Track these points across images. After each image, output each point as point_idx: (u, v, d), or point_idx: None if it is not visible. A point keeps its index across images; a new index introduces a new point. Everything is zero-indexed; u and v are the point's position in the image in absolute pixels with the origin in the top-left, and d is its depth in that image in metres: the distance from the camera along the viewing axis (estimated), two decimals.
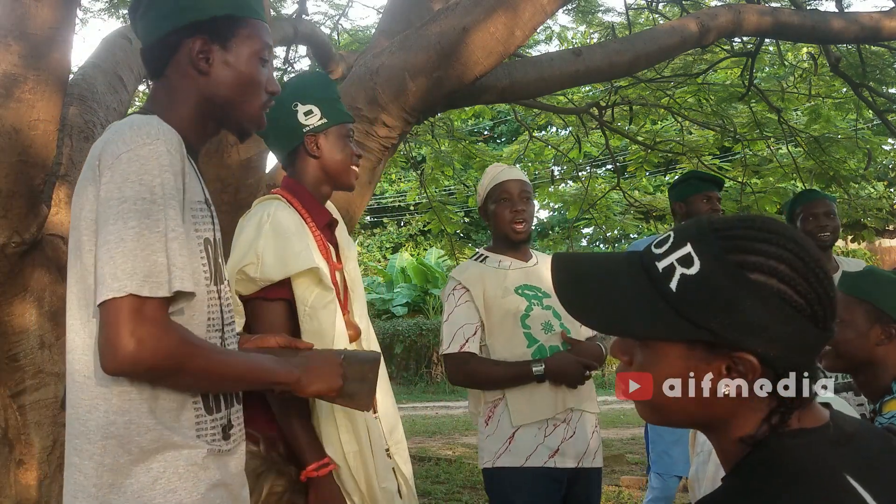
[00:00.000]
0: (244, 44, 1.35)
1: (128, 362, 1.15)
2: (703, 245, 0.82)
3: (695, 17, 3.73)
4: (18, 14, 2.08)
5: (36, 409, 2.42)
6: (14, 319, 2.35)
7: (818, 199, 3.08)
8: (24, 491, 2.42)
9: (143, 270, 1.15)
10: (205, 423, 1.28)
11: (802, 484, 0.78)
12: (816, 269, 0.83)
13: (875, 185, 11.17)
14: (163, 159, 1.19)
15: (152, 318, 1.15)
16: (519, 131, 13.36)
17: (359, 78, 2.90)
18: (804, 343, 0.82)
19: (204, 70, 1.33)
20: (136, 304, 1.14)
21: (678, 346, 0.83)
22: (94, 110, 3.10)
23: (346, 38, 6.89)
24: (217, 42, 1.33)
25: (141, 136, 1.20)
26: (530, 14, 2.87)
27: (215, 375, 1.26)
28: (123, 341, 1.14)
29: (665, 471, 3.42)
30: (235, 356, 1.35)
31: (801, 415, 0.84)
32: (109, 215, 1.17)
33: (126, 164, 1.18)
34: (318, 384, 1.41)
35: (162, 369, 1.18)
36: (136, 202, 1.16)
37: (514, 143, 9.58)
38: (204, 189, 1.35)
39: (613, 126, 6.12)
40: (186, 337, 1.21)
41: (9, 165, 2.12)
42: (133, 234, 1.15)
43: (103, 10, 6.20)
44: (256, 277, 1.73)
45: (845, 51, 5.02)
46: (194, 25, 1.32)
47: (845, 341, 1.78)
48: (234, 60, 1.34)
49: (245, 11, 1.35)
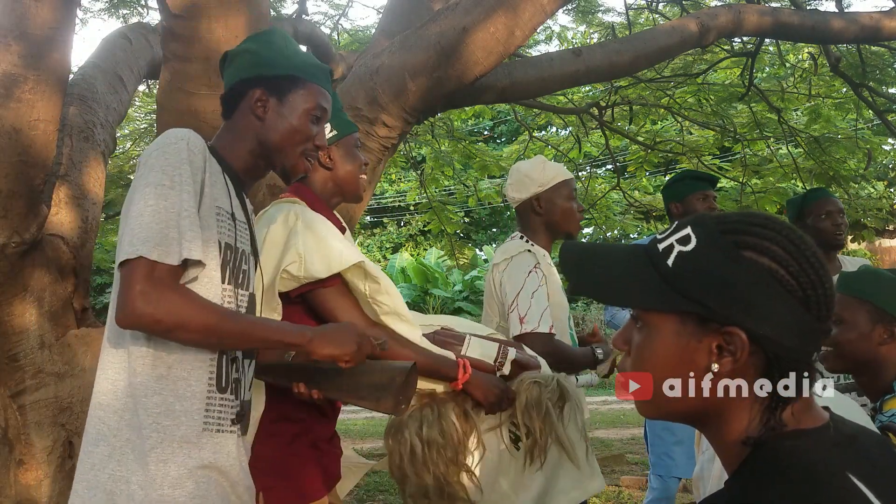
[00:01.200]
0: (299, 101, 1.58)
1: (136, 314, 1.31)
2: (702, 227, 0.86)
3: (695, 17, 3.73)
4: (18, 14, 2.08)
5: (36, 409, 2.42)
6: (14, 319, 2.35)
7: (828, 197, 3.05)
8: (24, 491, 2.42)
9: (155, 239, 1.32)
10: (213, 401, 1.40)
11: (807, 483, 0.78)
12: (810, 257, 0.83)
13: (875, 185, 11.18)
14: (183, 154, 1.39)
15: (161, 280, 1.32)
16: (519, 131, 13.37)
17: (359, 78, 2.90)
18: (796, 327, 0.82)
19: (260, 115, 1.56)
20: (148, 267, 1.31)
21: (671, 320, 0.85)
22: (94, 110, 3.10)
23: (346, 38, 6.89)
24: (275, 95, 1.57)
25: (170, 138, 1.42)
26: (530, 14, 2.87)
27: (221, 330, 1.37)
28: (133, 296, 1.30)
29: (665, 472, 3.42)
30: (243, 316, 1.48)
31: (799, 415, 0.84)
32: (134, 198, 1.37)
33: (154, 158, 1.39)
34: (329, 347, 1.47)
35: (167, 323, 1.32)
36: (157, 187, 1.36)
37: (514, 143, 9.58)
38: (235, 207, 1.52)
39: (613, 126, 6.12)
40: (193, 296, 1.36)
41: (9, 165, 2.12)
42: (150, 211, 1.34)
43: (103, 10, 6.19)
44: (300, 276, 1.76)
45: (845, 51, 5.02)
46: (260, 78, 1.56)
47: (847, 342, 1.78)
48: (287, 112, 1.57)
49: (307, 76, 1.59)
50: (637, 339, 0.89)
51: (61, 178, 2.78)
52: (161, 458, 1.33)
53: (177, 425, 1.35)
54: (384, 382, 1.59)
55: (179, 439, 1.35)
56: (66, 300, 2.53)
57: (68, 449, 2.50)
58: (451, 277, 15.79)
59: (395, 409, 1.62)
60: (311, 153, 1.61)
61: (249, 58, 1.58)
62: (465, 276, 15.73)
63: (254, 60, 1.58)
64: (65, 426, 2.47)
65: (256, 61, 1.57)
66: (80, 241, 2.73)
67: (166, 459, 1.34)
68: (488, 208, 16.59)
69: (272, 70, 1.57)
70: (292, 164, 1.59)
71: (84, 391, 2.50)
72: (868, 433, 0.90)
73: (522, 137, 8.14)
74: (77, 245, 2.70)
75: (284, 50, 1.59)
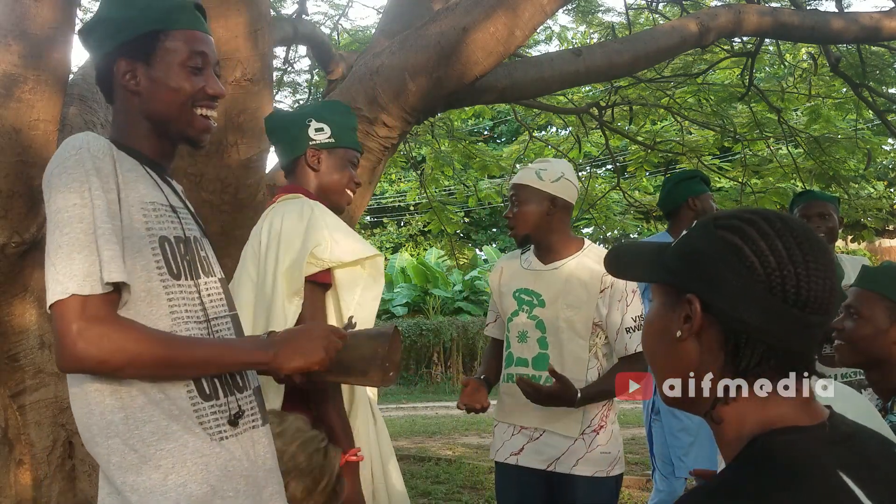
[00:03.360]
0: (168, 56, 1.36)
1: (77, 359, 1.20)
2: (706, 217, 0.94)
3: (695, 17, 3.73)
4: (18, 14, 2.08)
5: (36, 410, 2.42)
6: (14, 319, 2.35)
7: (812, 201, 3.09)
8: (24, 491, 2.42)
9: (82, 271, 1.20)
10: (203, 410, 1.30)
11: (795, 479, 0.79)
12: (787, 242, 0.85)
13: (875, 185, 11.18)
14: (87, 164, 1.25)
15: (96, 315, 1.20)
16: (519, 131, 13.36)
17: (359, 78, 2.90)
18: (755, 305, 0.84)
19: (134, 89, 1.36)
20: (80, 304, 1.19)
21: (661, 291, 0.94)
22: (94, 110, 3.10)
23: (346, 38, 6.89)
24: (141, 60, 1.36)
25: (68, 150, 1.27)
26: (530, 14, 2.87)
27: (175, 362, 1.27)
28: (70, 339, 1.19)
29: (672, 473, 3.40)
30: (198, 342, 1.33)
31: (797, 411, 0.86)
32: (49, 228, 1.24)
33: (56, 178, 1.25)
34: (297, 360, 1.38)
35: (113, 363, 1.21)
36: (68, 209, 1.23)
37: (514, 143, 9.57)
38: (169, 196, 1.38)
39: (613, 126, 6.12)
40: (138, 329, 1.24)
41: (9, 165, 2.12)
42: (67, 240, 1.21)
43: None
44: (325, 259, 1.77)
45: (845, 51, 5.02)
46: (121, 47, 1.36)
47: (864, 338, 1.75)
48: (161, 74, 1.36)
49: (167, 25, 1.37)
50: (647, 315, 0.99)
51: None
52: (179, 483, 1.24)
53: (180, 445, 1.25)
54: (368, 355, 1.51)
55: (192, 455, 1.26)
56: None
57: (68, 449, 2.49)
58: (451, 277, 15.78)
59: (385, 381, 1.54)
60: (207, 104, 1.40)
61: (104, 28, 1.37)
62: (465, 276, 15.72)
63: (109, 30, 1.37)
64: (65, 426, 2.47)
65: (112, 30, 1.36)
66: None
67: (184, 482, 1.25)
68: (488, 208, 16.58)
69: (129, 33, 1.35)
70: (191, 126, 1.39)
71: None
72: (868, 433, 0.90)
73: (522, 137, 8.13)
74: None
75: (135, 3, 1.37)
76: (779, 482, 0.79)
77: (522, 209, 2.35)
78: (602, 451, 2.31)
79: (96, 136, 1.31)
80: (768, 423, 0.85)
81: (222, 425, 1.31)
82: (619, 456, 2.34)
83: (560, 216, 2.36)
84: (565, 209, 2.38)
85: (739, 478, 0.82)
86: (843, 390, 1.36)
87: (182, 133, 1.40)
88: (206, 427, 1.29)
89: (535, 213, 2.34)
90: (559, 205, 2.35)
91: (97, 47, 1.39)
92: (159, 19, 1.36)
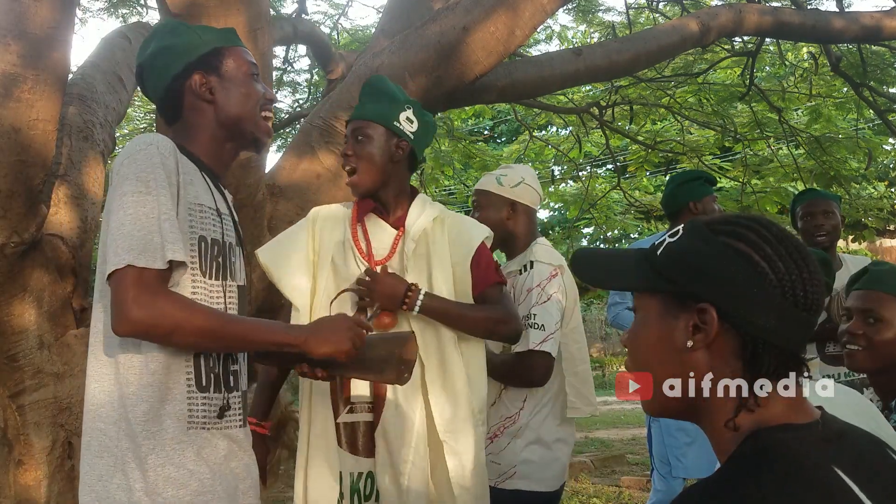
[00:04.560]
0: (234, 67, 1.58)
1: (132, 321, 1.33)
2: (692, 222, 0.94)
3: (695, 16, 3.73)
4: (17, 13, 2.07)
5: (35, 410, 2.42)
6: (13, 319, 2.35)
7: (814, 199, 3.08)
8: (24, 491, 2.42)
9: (139, 246, 1.34)
10: (195, 400, 1.42)
11: (791, 475, 0.79)
12: (788, 247, 0.87)
13: (876, 184, 11.17)
14: (154, 159, 1.40)
15: (150, 285, 1.34)
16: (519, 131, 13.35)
17: (359, 77, 2.89)
18: (771, 309, 0.85)
19: (210, 98, 1.55)
20: (136, 274, 1.33)
21: (656, 301, 0.92)
22: (93, 110, 3.09)
23: (346, 37, 6.89)
24: (213, 73, 1.56)
25: (138, 145, 1.43)
26: (530, 13, 2.87)
27: (217, 333, 1.40)
28: (128, 304, 1.32)
29: (670, 473, 3.41)
30: (238, 319, 1.50)
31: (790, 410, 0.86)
32: (114, 209, 1.39)
33: (126, 167, 1.40)
34: (326, 346, 1.48)
35: (162, 328, 1.34)
36: (133, 195, 1.37)
37: (514, 142, 9.57)
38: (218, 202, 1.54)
39: (614, 126, 6.11)
40: (186, 301, 1.39)
41: (8, 165, 2.11)
42: (130, 219, 1.36)
43: (102, 10, 6.20)
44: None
45: (846, 50, 5.02)
46: (190, 66, 1.55)
47: (885, 342, 1.72)
48: (232, 83, 1.57)
49: (225, 43, 1.60)
50: (632, 327, 0.96)
51: (60, 178, 2.78)
52: (158, 463, 1.37)
53: (164, 429, 1.38)
54: (385, 355, 1.63)
55: (171, 441, 1.38)
56: (65, 300, 2.53)
57: (67, 449, 2.49)
58: None
59: (399, 380, 1.66)
60: (268, 108, 1.62)
61: (167, 55, 1.56)
62: None
63: (173, 55, 1.56)
64: (64, 426, 2.46)
65: (176, 54, 1.56)
66: (80, 240, 2.73)
67: (163, 463, 1.37)
68: None
69: (195, 53, 1.55)
70: (258, 128, 1.59)
71: (83, 391, 2.49)
72: (859, 432, 0.91)
73: (522, 137, 8.13)
74: (76, 245, 2.69)
75: (189, 32, 1.58)
76: (776, 479, 0.79)
77: (483, 214, 2.38)
78: (491, 460, 2.19)
79: (164, 137, 1.46)
80: (762, 422, 0.86)
81: (210, 417, 1.44)
82: (511, 473, 2.21)
83: (521, 220, 2.39)
84: (526, 213, 2.40)
85: (736, 476, 0.82)
86: (844, 390, 1.35)
87: (251, 135, 1.59)
88: (193, 415, 1.42)
89: (495, 218, 2.35)
90: (519, 209, 2.38)
91: (162, 73, 1.56)
92: (218, 39, 1.59)
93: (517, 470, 2.22)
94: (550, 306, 2.23)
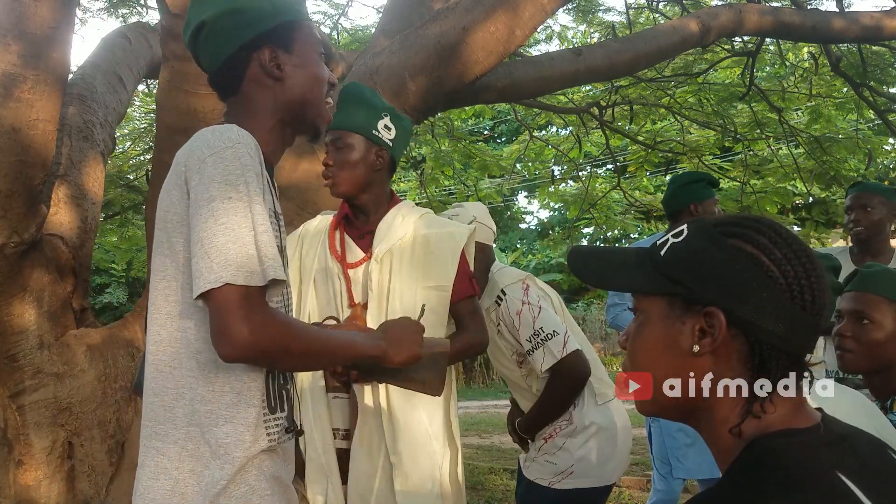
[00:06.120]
0: (305, 44, 1.41)
1: (243, 347, 1.19)
2: (696, 223, 0.91)
3: (695, 16, 3.73)
4: (17, 13, 2.07)
5: (35, 410, 2.42)
6: (13, 319, 2.35)
7: (857, 192, 3.02)
8: (24, 491, 2.42)
9: (236, 262, 1.20)
10: (270, 422, 1.33)
11: (795, 481, 0.79)
12: (797, 249, 0.86)
13: None
14: (244, 160, 1.25)
15: (258, 305, 1.21)
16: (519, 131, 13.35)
17: (359, 77, 2.89)
18: (780, 313, 0.84)
19: (278, 76, 1.38)
20: (241, 293, 1.19)
21: (660, 304, 0.89)
22: (93, 110, 3.10)
23: (346, 37, 6.89)
24: (282, 48, 1.39)
25: (223, 140, 1.26)
26: (530, 13, 2.87)
27: (315, 353, 1.33)
28: (237, 328, 1.18)
29: (670, 473, 3.40)
30: (328, 334, 1.41)
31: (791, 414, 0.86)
32: (201, 215, 1.22)
33: (211, 166, 1.23)
34: (403, 353, 1.47)
35: (273, 351, 1.23)
36: (224, 201, 1.22)
37: (514, 142, 9.56)
38: (275, 201, 1.40)
39: (614, 126, 6.11)
40: (287, 320, 1.29)
41: (8, 165, 2.11)
42: (223, 230, 1.20)
43: (102, 10, 6.19)
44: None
45: (846, 50, 5.02)
46: (260, 37, 1.37)
47: (876, 343, 1.72)
48: (302, 61, 1.40)
49: (297, 14, 1.41)
50: (632, 327, 0.93)
51: (60, 178, 2.78)
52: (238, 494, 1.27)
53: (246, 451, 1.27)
54: (428, 366, 1.65)
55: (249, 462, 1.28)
56: (65, 300, 2.53)
57: (67, 449, 2.49)
58: None
59: (439, 390, 1.69)
60: (331, 95, 1.47)
61: (236, 19, 1.36)
62: None
63: (243, 20, 1.37)
64: (64, 426, 2.46)
65: (246, 20, 1.37)
66: (80, 240, 2.73)
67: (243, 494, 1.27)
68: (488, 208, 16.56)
69: (267, 23, 1.37)
70: (321, 115, 1.44)
71: (83, 391, 2.50)
72: (860, 434, 0.91)
73: (522, 137, 8.12)
74: (76, 245, 2.69)
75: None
76: (780, 486, 0.78)
77: None
78: (546, 460, 2.30)
79: (247, 132, 1.30)
80: (764, 427, 0.85)
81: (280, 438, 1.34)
82: (568, 471, 2.28)
83: (479, 258, 2.34)
84: (483, 250, 2.38)
85: (740, 483, 0.81)
86: (844, 390, 1.35)
87: (314, 121, 1.44)
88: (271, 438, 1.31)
89: None
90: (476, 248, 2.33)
91: (229, 39, 1.37)
92: (292, 10, 1.40)
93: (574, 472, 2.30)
94: (546, 313, 2.28)
